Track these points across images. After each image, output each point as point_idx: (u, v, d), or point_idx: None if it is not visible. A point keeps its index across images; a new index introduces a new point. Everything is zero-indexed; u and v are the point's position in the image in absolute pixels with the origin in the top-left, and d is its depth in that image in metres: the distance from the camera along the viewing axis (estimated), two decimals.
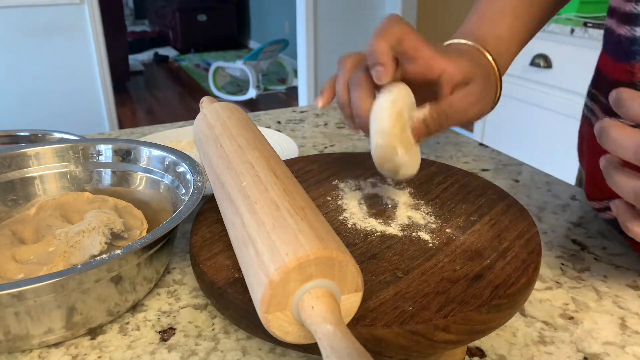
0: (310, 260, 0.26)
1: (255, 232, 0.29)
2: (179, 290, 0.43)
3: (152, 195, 0.50)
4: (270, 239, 0.28)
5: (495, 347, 0.36)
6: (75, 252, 0.41)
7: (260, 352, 0.36)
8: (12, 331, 0.34)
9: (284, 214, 0.30)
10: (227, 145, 0.40)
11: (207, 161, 0.42)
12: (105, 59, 2.69)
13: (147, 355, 0.36)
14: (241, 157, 0.38)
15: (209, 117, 0.46)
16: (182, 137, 0.74)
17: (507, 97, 2.18)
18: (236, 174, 0.36)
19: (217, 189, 0.38)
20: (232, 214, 0.33)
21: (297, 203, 0.32)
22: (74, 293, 0.34)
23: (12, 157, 0.50)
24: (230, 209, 0.34)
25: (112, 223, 0.43)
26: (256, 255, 0.28)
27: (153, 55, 5.61)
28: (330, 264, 0.26)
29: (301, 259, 0.25)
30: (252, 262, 0.28)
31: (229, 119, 0.45)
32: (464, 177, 0.49)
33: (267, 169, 0.36)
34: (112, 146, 0.52)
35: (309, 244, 0.26)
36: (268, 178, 0.35)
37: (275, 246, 0.27)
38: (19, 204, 0.50)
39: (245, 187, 0.34)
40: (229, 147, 0.40)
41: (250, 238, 0.29)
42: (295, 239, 0.27)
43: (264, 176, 0.35)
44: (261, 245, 0.28)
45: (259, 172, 0.36)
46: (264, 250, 0.27)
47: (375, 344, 0.30)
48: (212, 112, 0.46)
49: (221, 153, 0.40)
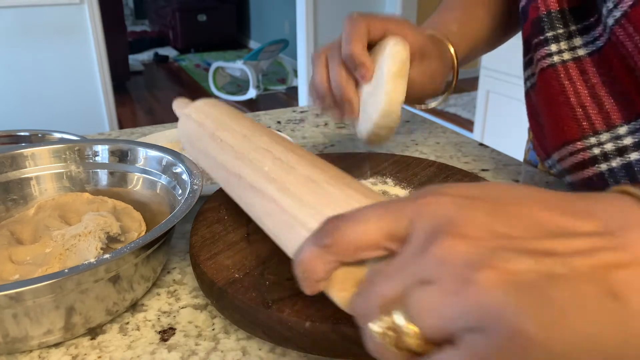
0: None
1: (301, 212, 0.28)
2: (179, 290, 0.43)
3: (151, 196, 0.50)
4: (324, 214, 0.27)
5: None
6: (71, 255, 0.41)
7: (260, 352, 0.36)
8: (11, 333, 0.34)
9: (325, 187, 0.29)
10: (229, 138, 0.38)
11: (208, 160, 0.41)
12: (105, 59, 2.69)
13: (147, 355, 0.36)
14: (251, 145, 0.36)
15: (194, 116, 0.44)
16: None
17: (507, 97, 2.18)
18: (251, 162, 0.34)
19: (232, 182, 0.36)
20: (262, 202, 0.32)
21: (332, 173, 0.30)
22: (73, 293, 0.34)
23: (9, 158, 0.50)
24: (257, 198, 0.32)
25: (109, 227, 0.43)
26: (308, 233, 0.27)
27: (153, 55, 5.61)
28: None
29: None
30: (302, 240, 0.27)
31: (220, 113, 0.43)
32: (464, 177, 0.49)
33: (284, 150, 0.34)
34: (109, 147, 0.52)
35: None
36: (289, 158, 0.33)
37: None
38: (19, 203, 0.50)
39: (270, 172, 0.32)
40: (231, 139, 0.38)
41: (298, 220, 0.28)
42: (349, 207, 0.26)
43: (285, 157, 0.33)
44: (316, 223, 0.26)
45: (277, 154, 0.34)
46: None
47: None
48: (196, 111, 0.45)
49: (224, 147, 0.38)
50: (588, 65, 0.45)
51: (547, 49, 0.47)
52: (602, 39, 0.43)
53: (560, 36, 0.46)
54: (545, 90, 0.48)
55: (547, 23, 0.47)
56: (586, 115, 0.45)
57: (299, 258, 0.25)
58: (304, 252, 0.25)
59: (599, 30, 0.44)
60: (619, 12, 0.40)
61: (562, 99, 0.46)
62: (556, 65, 0.46)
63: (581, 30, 0.45)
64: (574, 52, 0.46)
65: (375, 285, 0.23)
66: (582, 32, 0.45)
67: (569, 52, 0.46)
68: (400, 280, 0.22)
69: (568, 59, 0.46)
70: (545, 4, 0.47)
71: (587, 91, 0.45)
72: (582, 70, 0.45)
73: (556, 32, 0.46)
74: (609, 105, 0.44)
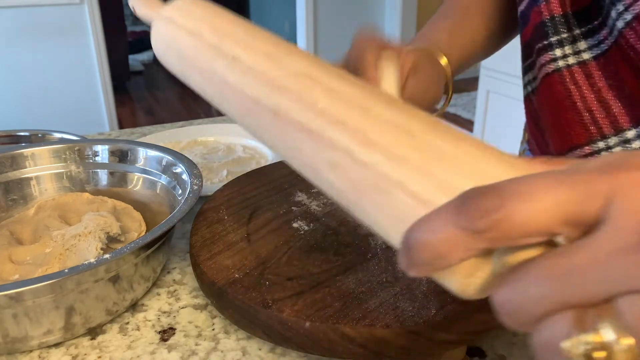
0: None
1: (398, 172, 0.22)
2: (179, 290, 0.43)
3: (151, 196, 0.50)
4: (440, 178, 0.21)
5: (495, 347, 0.36)
6: (71, 256, 0.41)
7: (260, 352, 0.36)
8: (11, 333, 0.34)
9: (425, 138, 0.22)
10: (246, 57, 0.29)
11: (211, 82, 0.32)
12: (105, 59, 2.69)
13: (147, 355, 0.36)
14: (283, 69, 0.28)
15: (180, 21, 0.34)
16: (182, 137, 0.74)
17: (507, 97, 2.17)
18: (293, 93, 0.26)
19: (260, 117, 0.28)
20: (322, 150, 0.24)
21: (423, 118, 0.24)
22: (73, 293, 0.34)
23: (9, 158, 0.50)
24: (310, 142, 0.25)
25: (109, 227, 0.43)
26: (420, 203, 0.21)
27: (153, 55, 5.60)
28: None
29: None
30: (410, 210, 0.21)
31: (216, 17, 0.33)
32: None
33: (337, 78, 0.26)
34: (109, 147, 0.52)
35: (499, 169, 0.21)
36: (350, 90, 0.25)
37: (460, 188, 0.20)
38: (19, 203, 0.50)
39: (328, 110, 0.25)
40: (250, 59, 0.29)
41: (390, 179, 0.22)
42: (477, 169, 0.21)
43: (344, 90, 0.26)
44: (427, 189, 0.21)
45: (329, 85, 0.26)
46: (436, 195, 0.21)
47: (375, 344, 0.30)
48: (181, 14, 0.34)
49: (242, 68, 0.29)
50: (593, 69, 0.45)
51: (551, 53, 0.47)
52: (607, 42, 0.43)
53: (564, 40, 0.46)
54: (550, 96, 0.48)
55: (551, 28, 0.47)
56: (593, 120, 0.45)
57: (425, 239, 0.19)
58: (436, 232, 0.19)
59: (603, 33, 0.44)
60: (630, 15, 0.40)
61: (568, 103, 0.46)
62: (561, 70, 0.46)
63: (585, 33, 0.45)
64: (578, 56, 0.46)
65: (549, 283, 0.18)
66: (586, 36, 0.45)
67: (574, 57, 0.46)
68: (600, 282, 0.17)
69: (573, 63, 0.46)
70: (549, 9, 0.47)
71: (594, 95, 0.45)
72: (587, 75, 0.45)
73: (560, 36, 0.46)
74: (616, 109, 0.44)
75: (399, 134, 0.23)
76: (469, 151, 0.22)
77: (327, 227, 0.41)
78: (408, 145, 0.22)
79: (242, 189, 0.48)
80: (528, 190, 0.18)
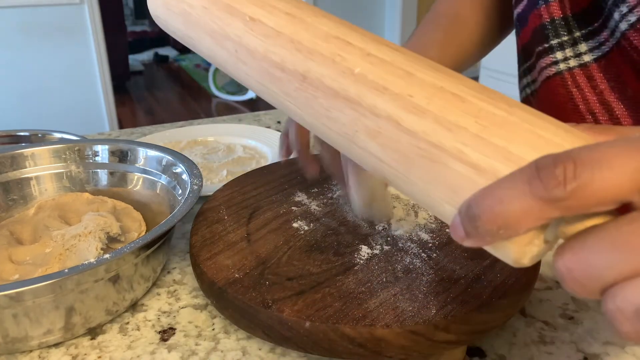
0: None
1: (457, 140, 0.20)
2: (179, 290, 0.43)
3: (151, 196, 0.50)
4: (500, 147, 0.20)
5: (495, 347, 0.36)
6: (71, 256, 0.41)
7: (260, 352, 0.36)
8: (11, 333, 0.34)
9: (478, 104, 0.21)
10: (266, 17, 0.26)
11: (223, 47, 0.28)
12: (105, 59, 2.69)
13: (147, 355, 0.36)
14: (310, 32, 0.25)
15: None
16: (182, 137, 0.74)
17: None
18: (325, 57, 0.24)
19: (288, 86, 0.26)
20: (362, 118, 0.22)
21: (469, 83, 0.22)
22: (73, 293, 0.34)
23: (9, 158, 0.50)
24: (352, 111, 0.23)
25: (109, 227, 0.43)
26: (480, 173, 0.20)
27: (153, 55, 5.61)
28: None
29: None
30: (467, 181, 0.20)
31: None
32: None
33: (372, 41, 0.24)
34: (109, 147, 0.52)
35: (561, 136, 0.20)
36: (392, 54, 0.23)
37: (522, 156, 0.19)
38: (19, 203, 0.50)
39: (366, 75, 0.22)
40: (271, 20, 0.26)
41: (445, 150, 0.20)
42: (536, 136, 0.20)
43: (382, 52, 0.23)
44: (487, 160, 0.20)
45: (365, 48, 0.24)
46: (498, 165, 0.20)
47: (375, 344, 0.30)
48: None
49: (263, 31, 0.26)
50: (595, 71, 0.45)
51: (552, 56, 0.47)
52: (608, 44, 0.43)
53: (565, 43, 0.46)
54: (551, 98, 0.48)
55: (552, 30, 0.47)
56: (596, 122, 0.45)
57: (495, 209, 0.19)
58: (506, 202, 0.18)
59: (604, 35, 0.44)
60: (634, 17, 0.40)
61: (570, 106, 0.46)
62: (563, 73, 0.46)
63: (585, 35, 0.45)
64: (579, 59, 0.46)
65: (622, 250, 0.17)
66: (587, 38, 0.45)
67: (575, 59, 0.46)
68: None
69: (574, 65, 0.46)
70: (549, 12, 0.46)
71: (596, 97, 0.45)
72: (589, 77, 0.45)
73: (561, 39, 0.46)
74: (618, 111, 0.44)
75: (449, 99, 0.21)
76: (524, 117, 0.20)
77: (327, 227, 0.41)
78: (460, 110, 0.20)
79: (242, 189, 0.48)
80: (605, 157, 0.18)
